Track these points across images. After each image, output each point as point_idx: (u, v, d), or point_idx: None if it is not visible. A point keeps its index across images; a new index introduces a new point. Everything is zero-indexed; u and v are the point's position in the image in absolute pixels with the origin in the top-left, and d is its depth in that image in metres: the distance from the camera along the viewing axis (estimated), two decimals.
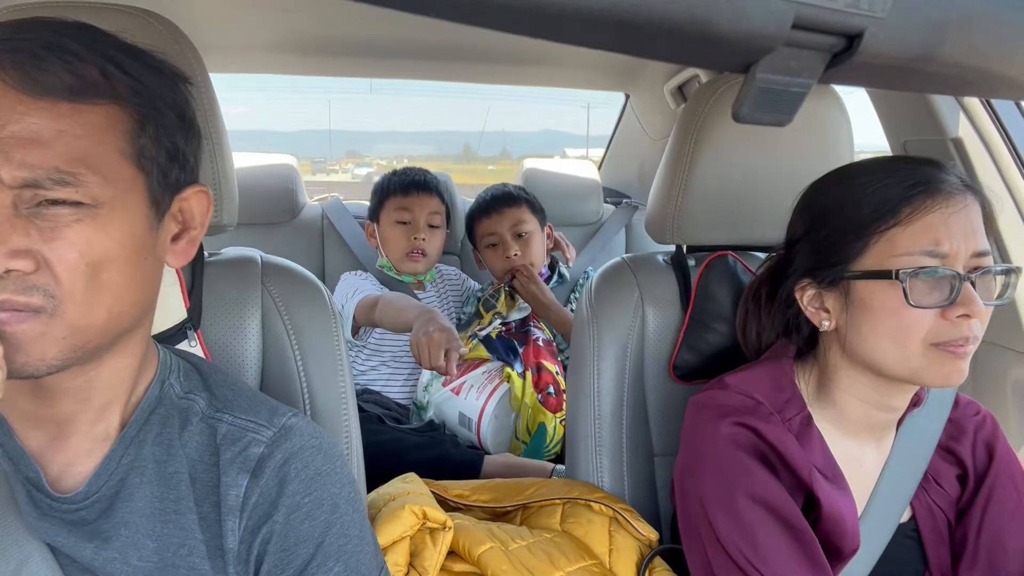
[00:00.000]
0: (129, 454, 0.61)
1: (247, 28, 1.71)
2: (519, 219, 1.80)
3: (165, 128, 0.58)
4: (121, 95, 0.54)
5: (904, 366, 0.74)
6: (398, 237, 1.76)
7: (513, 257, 1.76)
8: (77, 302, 0.52)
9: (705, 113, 0.99)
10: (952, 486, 0.86)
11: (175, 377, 0.66)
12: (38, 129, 0.50)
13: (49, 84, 0.51)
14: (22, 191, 0.50)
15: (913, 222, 0.73)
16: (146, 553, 0.59)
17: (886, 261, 0.73)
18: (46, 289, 0.51)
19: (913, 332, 0.72)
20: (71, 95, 0.52)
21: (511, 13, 0.30)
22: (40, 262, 0.51)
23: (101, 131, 0.53)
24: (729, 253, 1.06)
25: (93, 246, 0.52)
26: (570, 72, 2.15)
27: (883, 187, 0.75)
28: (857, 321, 0.76)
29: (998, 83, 0.39)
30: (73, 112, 0.52)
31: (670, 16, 0.30)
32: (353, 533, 0.65)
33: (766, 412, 0.79)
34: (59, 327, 0.52)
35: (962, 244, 0.72)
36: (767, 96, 0.36)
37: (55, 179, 0.50)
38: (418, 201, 1.77)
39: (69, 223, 0.51)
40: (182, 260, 0.63)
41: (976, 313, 0.71)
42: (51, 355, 0.52)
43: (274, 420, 0.66)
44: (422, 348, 1.28)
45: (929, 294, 0.72)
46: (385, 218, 1.79)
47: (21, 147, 0.50)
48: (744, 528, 0.74)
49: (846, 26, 0.33)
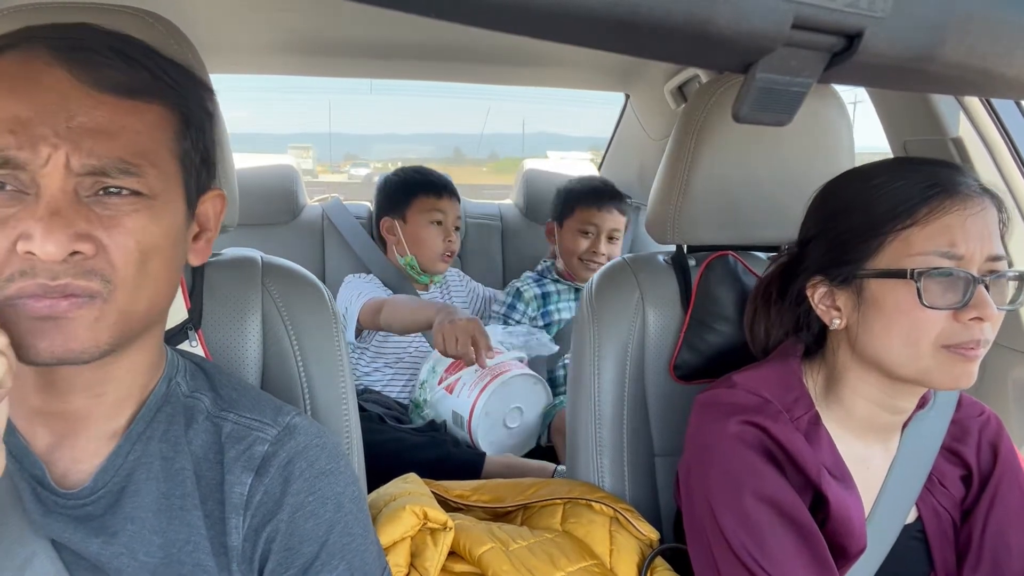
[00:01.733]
0: (136, 450, 0.62)
1: (247, 28, 1.71)
2: (619, 224, 1.88)
3: (201, 132, 0.62)
4: (168, 98, 0.58)
5: (913, 366, 0.73)
6: (434, 238, 1.78)
7: (600, 257, 1.82)
8: (128, 288, 0.55)
9: (705, 113, 0.99)
10: (956, 487, 0.86)
11: (181, 376, 0.67)
12: (104, 122, 0.53)
13: (113, 81, 0.54)
14: (84, 178, 0.53)
15: (930, 223, 0.72)
16: (152, 548, 0.60)
17: (901, 261, 0.73)
18: (103, 274, 0.53)
19: (924, 333, 0.72)
20: (131, 93, 0.55)
21: (511, 13, 0.30)
22: (99, 247, 0.53)
23: (155, 129, 0.57)
24: (730, 253, 1.06)
25: (147, 235, 0.55)
26: (570, 72, 2.15)
27: (900, 187, 0.75)
28: (869, 320, 0.76)
29: (998, 83, 0.39)
30: (133, 109, 0.55)
31: (670, 16, 0.30)
32: (357, 532, 0.66)
33: (774, 411, 0.78)
34: (111, 312, 0.54)
35: (978, 247, 0.72)
36: (767, 96, 0.36)
37: (120, 168, 0.54)
38: (449, 204, 1.81)
39: (128, 212, 0.54)
40: (201, 259, 0.66)
41: (989, 317, 0.71)
42: (104, 340, 0.54)
43: (278, 419, 0.67)
44: (447, 334, 1.26)
45: (943, 295, 0.71)
46: (416, 217, 1.79)
47: (90, 137, 0.52)
48: (751, 527, 0.74)
49: (846, 26, 0.33)
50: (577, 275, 1.88)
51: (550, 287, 1.90)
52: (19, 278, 0.51)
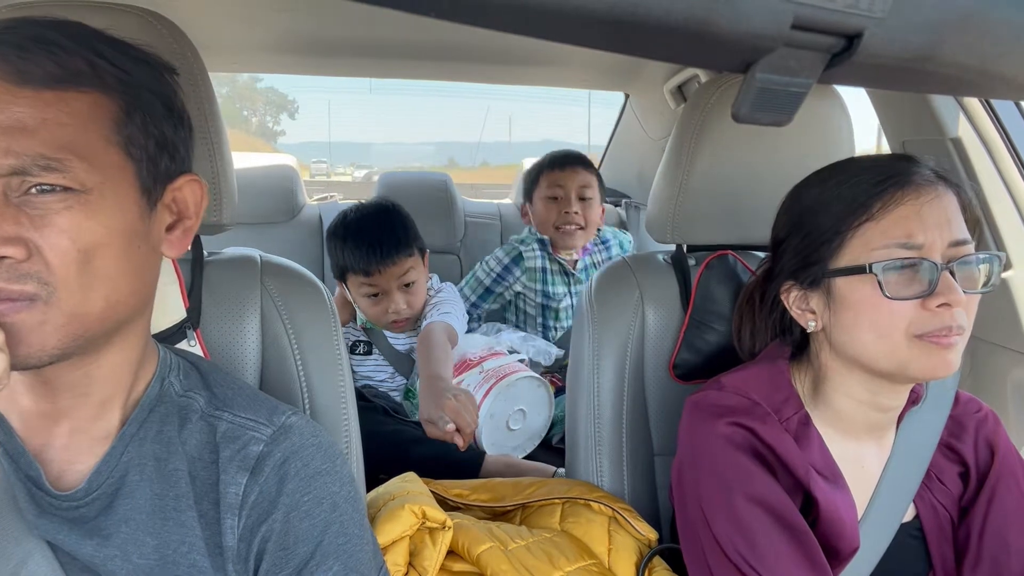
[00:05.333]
0: (129, 452, 0.61)
1: (246, 27, 1.71)
2: (587, 183, 1.81)
3: (152, 117, 0.58)
4: (107, 84, 0.55)
5: (891, 359, 0.74)
6: (368, 309, 1.60)
7: (572, 215, 1.75)
8: (72, 289, 0.53)
9: (705, 113, 0.99)
10: (955, 483, 0.86)
11: (175, 375, 0.67)
12: (22, 117, 0.51)
13: (33, 74, 0.52)
14: (10, 179, 0.51)
15: (885, 216, 0.73)
16: (146, 550, 0.59)
17: (861, 256, 0.74)
18: (39, 276, 0.51)
19: (894, 325, 0.72)
20: (55, 83, 0.53)
21: (511, 13, 0.30)
22: (32, 249, 0.51)
23: (86, 119, 0.54)
24: (729, 253, 1.06)
25: (83, 232, 0.53)
26: (570, 72, 2.15)
27: (854, 183, 0.76)
28: (840, 319, 0.76)
29: (997, 83, 0.39)
30: (57, 100, 0.53)
31: (670, 16, 0.30)
32: (352, 532, 0.65)
33: (763, 412, 0.79)
34: (57, 315, 0.52)
35: (937, 234, 0.72)
36: (767, 96, 0.36)
37: (41, 165, 0.51)
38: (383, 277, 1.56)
39: (59, 210, 0.52)
40: (178, 250, 0.63)
41: (956, 302, 0.70)
42: (51, 344, 0.53)
43: (274, 419, 0.66)
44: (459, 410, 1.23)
45: (907, 286, 0.72)
46: (353, 290, 1.60)
47: (6, 135, 0.51)
48: (742, 528, 0.74)
49: (845, 26, 0.33)
50: (558, 245, 1.83)
51: (548, 263, 1.85)
52: None
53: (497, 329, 1.79)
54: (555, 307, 1.85)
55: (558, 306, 1.85)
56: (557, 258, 1.85)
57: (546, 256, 1.86)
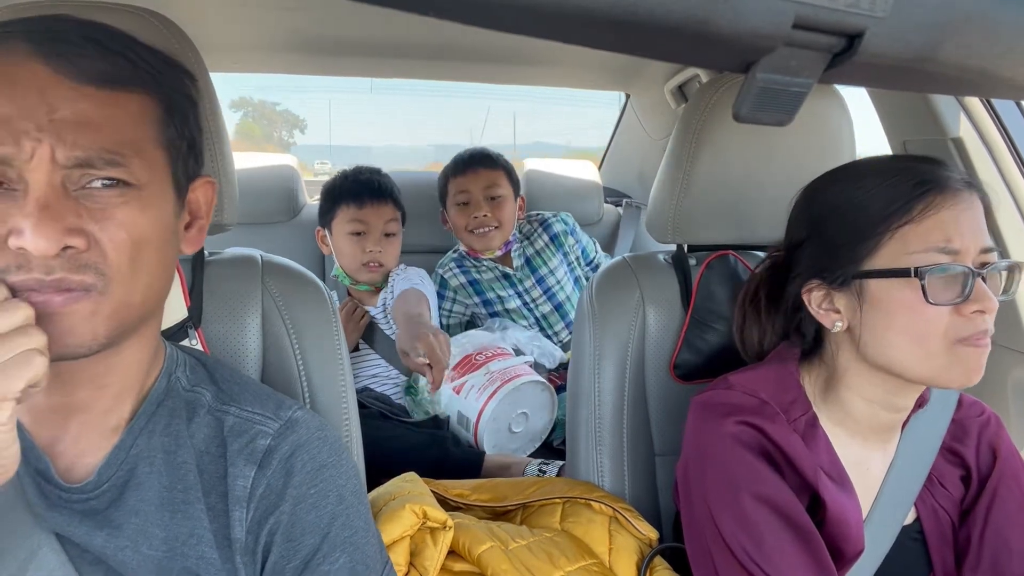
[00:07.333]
0: (139, 444, 0.62)
1: (247, 27, 1.70)
2: (494, 182, 1.78)
3: (184, 119, 0.62)
4: (149, 86, 0.58)
5: (925, 365, 0.73)
6: (353, 248, 1.67)
7: (482, 217, 1.74)
8: (123, 280, 0.55)
9: (706, 113, 0.99)
10: (956, 487, 0.86)
11: (181, 371, 0.68)
12: (87, 113, 0.53)
13: (93, 72, 0.54)
14: (71, 171, 0.53)
15: (925, 219, 0.73)
16: (155, 542, 0.60)
17: (900, 259, 0.73)
18: (97, 267, 0.53)
19: (930, 330, 0.72)
20: (111, 83, 0.55)
21: (511, 13, 0.30)
22: (91, 241, 0.53)
23: (137, 118, 0.56)
24: (730, 252, 1.06)
25: (137, 226, 0.55)
26: (570, 72, 2.15)
27: (891, 185, 0.75)
28: (872, 321, 0.75)
29: (998, 83, 0.39)
30: (114, 99, 0.55)
31: (670, 16, 0.30)
32: (359, 524, 0.66)
33: (771, 412, 0.78)
34: (107, 305, 0.54)
35: (972, 240, 0.72)
36: (767, 96, 0.36)
37: (106, 159, 0.53)
38: (373, 211, 1.67)
39: (117, 204, 0.54)
40: (194, 247, 0.66)
41: (990, 309, 0.71)
42: (101, 332, 0.54)
43: (280, 413, 0.67)
44: (434, 347, 1.27)
45: (944, 291, 0.71)
46: (338, 228, 1.69)
47: (74, 130, 0.52)
48: (749, 527, 0.73)
49: (846, 26, 0.33)
50: (475, 248, 1.80)
51: (475, 274, 1.84)
52: (15, 271, 0.51)
53: (504, 326, 1.79)
54: (502, 309, 1.84)
55: (504, 308, 1.84)
56: (486, 264, 1.84)
57: (470, 269, 1.85)
